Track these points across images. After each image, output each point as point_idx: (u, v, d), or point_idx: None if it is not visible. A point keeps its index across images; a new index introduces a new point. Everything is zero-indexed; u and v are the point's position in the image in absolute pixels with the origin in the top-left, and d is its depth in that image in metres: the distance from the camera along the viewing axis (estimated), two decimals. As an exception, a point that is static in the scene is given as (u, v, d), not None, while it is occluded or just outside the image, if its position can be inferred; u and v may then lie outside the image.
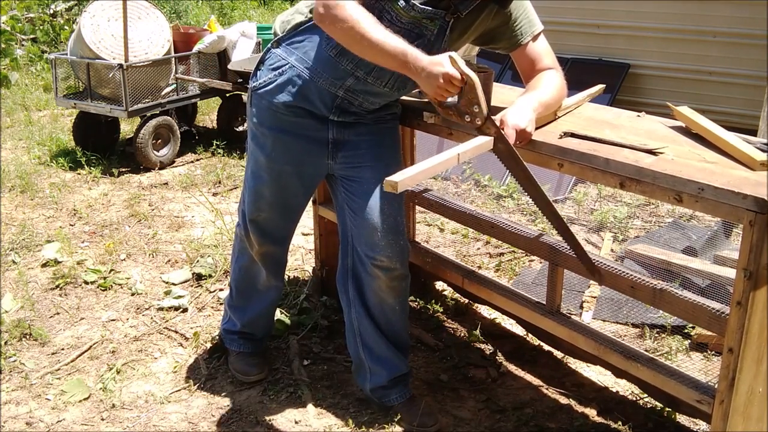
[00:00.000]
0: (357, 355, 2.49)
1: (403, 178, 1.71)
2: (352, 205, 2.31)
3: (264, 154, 2.29)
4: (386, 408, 2.46)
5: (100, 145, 5.24)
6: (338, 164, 2.30)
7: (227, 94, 5.66)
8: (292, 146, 2.26)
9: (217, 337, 2.88)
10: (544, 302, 2.43)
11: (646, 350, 2.60)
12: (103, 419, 2.49)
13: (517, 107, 2.01)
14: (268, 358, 2.78)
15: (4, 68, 7.69)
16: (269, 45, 2.26)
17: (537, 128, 2.03)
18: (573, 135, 2.01)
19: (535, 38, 2.16)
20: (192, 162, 5.29)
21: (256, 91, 2.25)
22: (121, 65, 4.79)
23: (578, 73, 5.72)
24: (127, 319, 3.13)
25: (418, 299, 3.22)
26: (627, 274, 2.29)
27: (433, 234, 3.96)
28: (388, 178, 1.70)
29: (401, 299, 2.41)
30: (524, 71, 2.21)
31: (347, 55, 2.05)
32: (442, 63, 1.87)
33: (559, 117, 2.22)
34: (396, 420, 2.41)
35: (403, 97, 2.40)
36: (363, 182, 2.28)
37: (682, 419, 2.41)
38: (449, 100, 1.95)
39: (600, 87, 2.55)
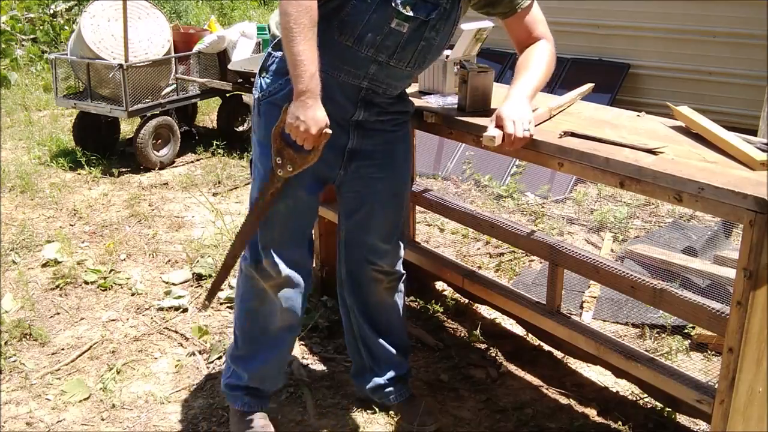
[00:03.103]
0: (358, 358, 2.48)
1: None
2: (359, 215, 2.25)
3: None
4: (386, 407, 2.46)
5: (100, 145, 5.24)
6: (349, 174, 2.18)
7: (227, 94, 5.66)
8: None
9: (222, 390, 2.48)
10: (544, 302, 2.43)
11: (646, 350, 2.60)
12: (103, 419, 2.49)
13: (514, 102, 1.97)
14: (279, 413, 2.50)
15: (4, 68, 7.69)
16: (269, 48, 2.14)
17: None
18: (573, 134, 2.01)
19: (530, 5, 2.11)
20: (192, 162, 5.29)
21: (266, 100, 2.08)
22: (121, 65, 4.79)
23: (578, 73, 5.72)
24: (127, 319, 3.13)
25: (418, 299, 3.22)
26: (627, 274, 2.29)
27: (433, 234, 3.96)
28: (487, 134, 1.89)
29: (399, 297, 2.41)
30: (519, 39, 2.14)
31: (364, 40, 1.95)
32: (314, 124, 1.87)
33: (554, 115, 2.22)
34: (396, 419, 2.41)
35: None
36: (373, 194, 2.21)
37: (682, 419, 2.41)
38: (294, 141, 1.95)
39: (589, 86, 2.54)
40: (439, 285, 3.33)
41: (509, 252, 3.66)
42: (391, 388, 2.43)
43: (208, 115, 6.45)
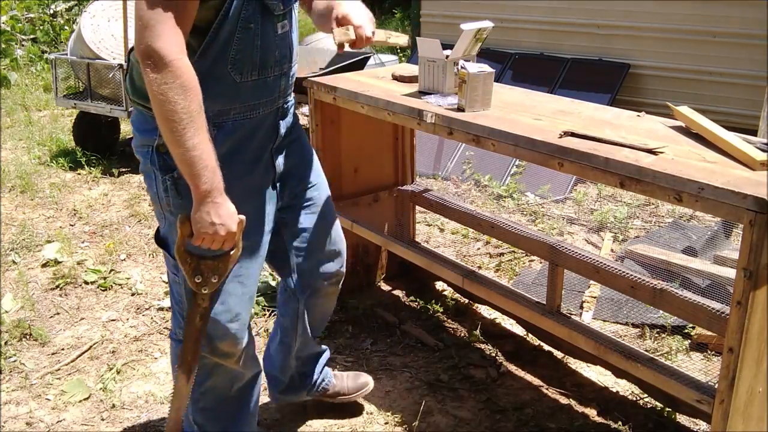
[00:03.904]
0: (288, 375, 2.30)
1: None
2: (302, 231, 2.09)
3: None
4: (322, 390, 2.39)
5: (100, 145, 5.24)
6: (286, 199, 2.04)
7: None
8: (260, 209, 1.92)
9: None
10: (544, 302, 2.43)
11: (646, 350, 2.60)
12: (103, 419, 2.49)
13: (354, 5, 1.92)
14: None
15: (4, 68, 7.69)
16: (135, 110, 1.81)
17: None
18: (573, 134, 2.01)
19: None
20: (192, 162, 5.29)
21: (171, 174, 1.74)
22: (121, 65, 4.79)
23: (578, 73, 5.73)
24: (128, 319, 3.13)
25: (418, 299, 3.22)
26: (627, 274, 2.29)
27: (433, 234, 3.96)
28: None
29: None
30: None
31: (267, 63, 1.77)
32: (231, 221, 1.66)
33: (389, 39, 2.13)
34: (395, 419, 2.41)
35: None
36: (312, 205, 2.10)
37: (682, 419, 2.41)
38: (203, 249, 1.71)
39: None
40: (439, 285, 3.33)
41: (509, 252, 3.66)
42: (322, 377, 2.38)
43: (208, 115, 6.44)
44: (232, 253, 1.74)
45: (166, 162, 1.72)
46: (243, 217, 1.71)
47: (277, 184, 1.98)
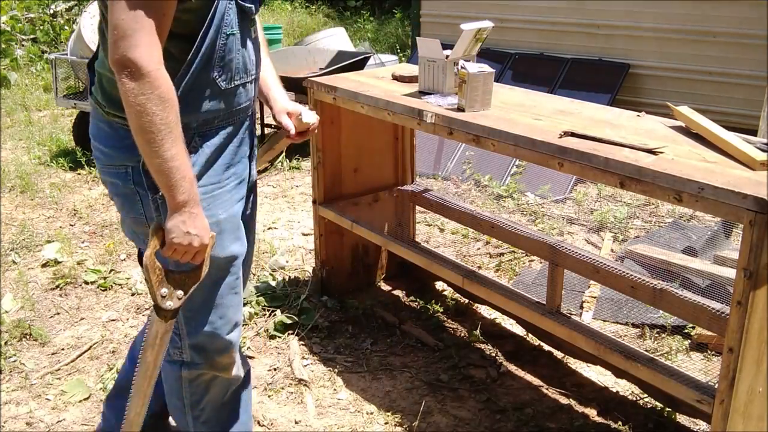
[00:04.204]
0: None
1: None
2: (250, 242, 1.99)
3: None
4: None
5: (100, 145, 5.23)
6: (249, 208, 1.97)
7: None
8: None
9: None
10: (544, 302, 2.43)
11: (646, 350, 2.60)
12: (103, 419, 2.49)
13: (285, 97, 1.98)
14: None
15: (4, 68, 7.69)
16: (102, 125, 1.71)
17: None
18: (573, 134, 2.01)
19: None
20: (192, 162, 5.29)
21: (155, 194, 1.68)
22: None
23: (578, 73, 5.73)
24: (128, 319, 3.13)
25: (418, 299, 3.22)
26: (627, 274, 2.30)
27: (433, 234, 3.96)
28: None
29: None
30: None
31: (247, 67, 1.75)
32: (205, 233, 1.61)
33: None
34: (395, 419, 2.41)
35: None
36: (252, 222, 2.02)
37: (682, 419, 2.41)
38: (173, 266, 1.66)
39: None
40: (439, 285, 3.33)
41: (509, 252, 3.66)
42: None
43: (208, 115, 6.44)
44: (200, 268, 1.67)
45: (153, 180, 1.62)
46: (214, 233, 1.67)
47: (250, 195, 1.94)
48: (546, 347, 2.83)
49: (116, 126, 1.67)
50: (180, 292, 1.67)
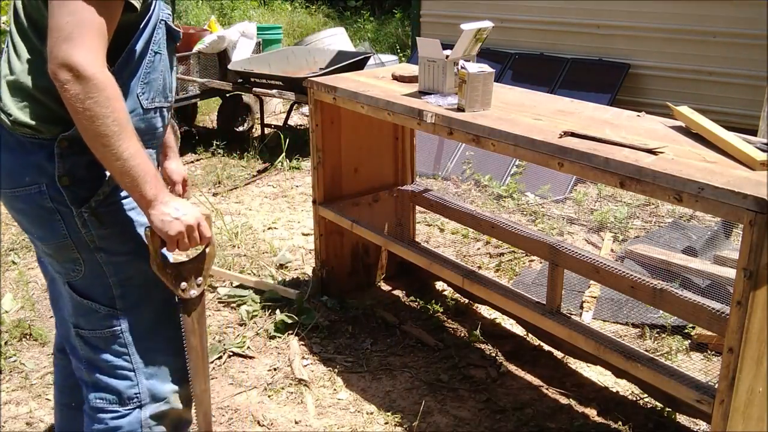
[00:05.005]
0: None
1: None
2: None
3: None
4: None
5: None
6: None
7: (227, 94, 5.66)
8: None
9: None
10: (544, 302, 2.43)
11: (646, 350, 2.60)
12: (103, 419, 2.49)
13: (177, 160, 1.98)
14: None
15: (4, 68, 7.68)
16: (9, 142, 1.56)
17: None
18: (573, 134, 2.01)
19: None
20: (192, 162, 5.29)
21: (108, 201, 1.60)
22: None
23: (578, 73, 5.73)
24: (127, 319, 3.13)
25: (418, 299, 3.22)
26: (627, 274, 2.29)
27: (433, 234, 3.96)
28: None
29: None
30: None
31: (168, 87, 1.69)
32: (189, 209, 1.57)
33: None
34: (395, 419, 2.41)
35: None
36: None
37: (682, 419, 2.41)
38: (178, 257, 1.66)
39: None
40: (439, 285, 3.33)
41: (509, 252, 3.66)
42: None
43: (208, 115, 6.44)
44: (208, 250, 1.68)
45: (75, 193, 1.54)
46: (207, 211, 1.65)
47: None
48: (546, 347, 2.83)
49: (22, 140, 1.55)
50: (199, 279, 1.69)
